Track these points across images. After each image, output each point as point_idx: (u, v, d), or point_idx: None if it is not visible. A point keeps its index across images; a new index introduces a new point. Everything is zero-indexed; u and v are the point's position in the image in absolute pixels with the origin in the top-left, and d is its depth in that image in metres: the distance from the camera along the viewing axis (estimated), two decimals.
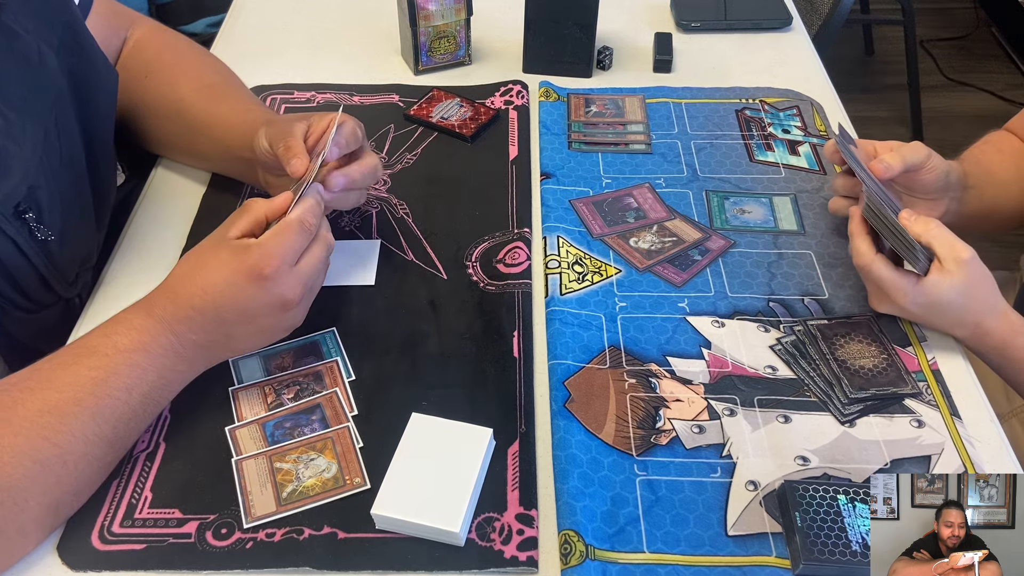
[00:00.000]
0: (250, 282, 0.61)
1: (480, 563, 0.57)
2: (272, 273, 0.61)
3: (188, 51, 0.89)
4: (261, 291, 0.61)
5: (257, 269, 0.60)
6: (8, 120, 0.65)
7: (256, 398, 0.67)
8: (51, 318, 0.76)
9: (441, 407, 0.65)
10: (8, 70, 0.65)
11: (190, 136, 0.83)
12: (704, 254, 0.79)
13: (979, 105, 2.38)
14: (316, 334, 0.71)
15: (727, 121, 0.95)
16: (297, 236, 0.63)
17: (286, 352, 0.70)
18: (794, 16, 1.14)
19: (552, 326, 0.72)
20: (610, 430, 0.65)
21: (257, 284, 0.61)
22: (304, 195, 0.65)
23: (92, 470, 0.59)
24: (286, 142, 0.69)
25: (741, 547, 0.59)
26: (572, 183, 0.87)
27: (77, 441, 0.56)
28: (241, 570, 0.57)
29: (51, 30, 0.70)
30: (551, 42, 1.01)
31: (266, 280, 0.61)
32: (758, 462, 0.63)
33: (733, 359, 0.71)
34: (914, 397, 0.68)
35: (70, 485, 0.57)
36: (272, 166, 0.74)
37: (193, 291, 0.61)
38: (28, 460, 0.54)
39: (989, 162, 0.85)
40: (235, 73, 0.90)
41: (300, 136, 0.70)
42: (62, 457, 0.56)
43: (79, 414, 0.57)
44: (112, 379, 0.58)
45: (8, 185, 0.65)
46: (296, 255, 0.63)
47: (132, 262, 0.80)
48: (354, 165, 0.72)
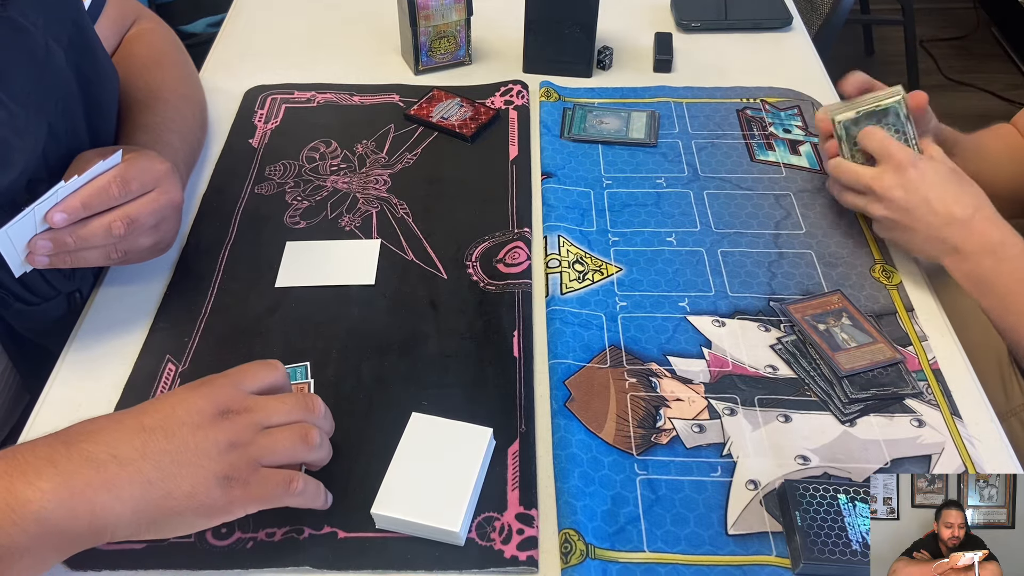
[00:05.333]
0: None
1: (480, 563, 0.57)
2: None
3: (167, 58, 0.90)
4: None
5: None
6: (11, 113, 0.65)
7: None
8: (52, 311, 0.76)
9: (441, 407, 0.65)
10: (13, 63, 0.66)
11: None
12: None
13: (979, 105, 2.38)
14: (289, 367, 0.68)
15: (728, 121, 0.95)
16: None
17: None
18: (794, 16, 1.14)
19: (552, 325, 0.72)
20: (610, 429, 0.65)
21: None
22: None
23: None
24: (73, 168, 0.68)
25: (741, 546, 0.59)
26: (573, 183, 0.87)
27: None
28: (241, 570, 0.57)
29: (61, 27, 0.70)
30: (551, 42, 1.01)
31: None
32: (758, 461, 0.63)
33: (733, 358, 0.71)
34: (915, 397, 0.68)
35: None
36: None
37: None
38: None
39: (985, 143, 0.87)
40: (192, 94, 0.90)
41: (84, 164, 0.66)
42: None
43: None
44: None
45: (8, 177, 0.65)
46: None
47: None
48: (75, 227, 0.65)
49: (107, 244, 0.66)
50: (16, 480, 0.49)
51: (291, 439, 0.55)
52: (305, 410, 0.58)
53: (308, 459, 0.57)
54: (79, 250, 0.65)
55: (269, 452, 0.54)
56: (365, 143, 0.93)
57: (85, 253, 0.65)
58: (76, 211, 0.63)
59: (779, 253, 0.80)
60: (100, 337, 0.73)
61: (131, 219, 0.66)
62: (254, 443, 0.54)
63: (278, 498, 0.54)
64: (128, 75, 0.84)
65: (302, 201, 0.85)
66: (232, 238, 0.81)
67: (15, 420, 0.83)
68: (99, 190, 0.64)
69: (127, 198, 0.66)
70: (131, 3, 0.92)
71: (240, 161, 0.90)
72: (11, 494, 0.48)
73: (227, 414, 0.54)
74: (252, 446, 0.54)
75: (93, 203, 0.64)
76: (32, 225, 0.62)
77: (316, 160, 0.91)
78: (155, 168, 0.68)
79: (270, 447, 0.54)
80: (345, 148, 0.92)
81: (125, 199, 0.66)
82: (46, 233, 0.63)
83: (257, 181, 0.88)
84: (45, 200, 0.62)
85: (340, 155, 0.91)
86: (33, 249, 0.63)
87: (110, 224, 0.65)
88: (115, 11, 0.87)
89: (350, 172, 0.89)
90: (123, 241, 0.66)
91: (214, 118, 0.96)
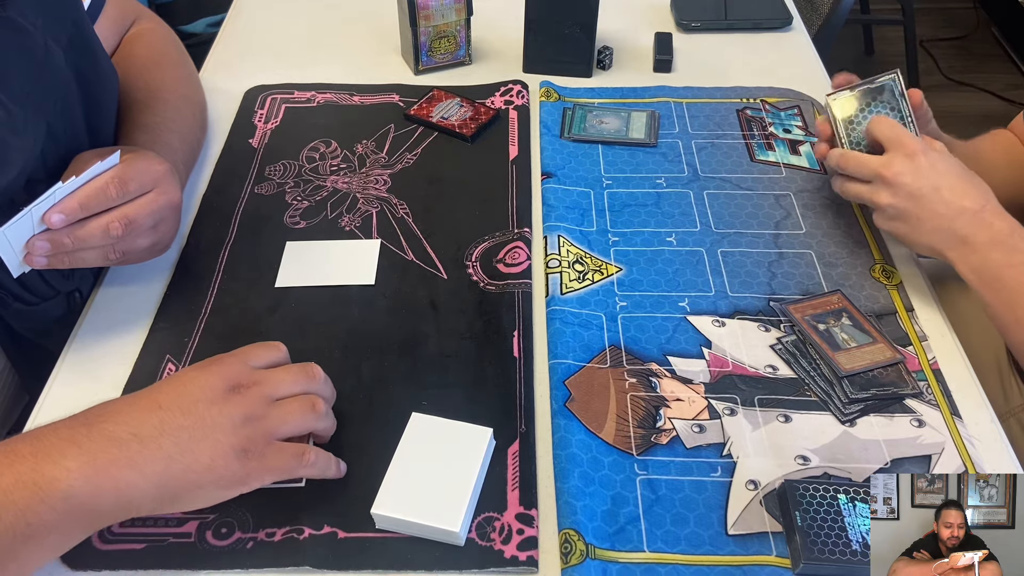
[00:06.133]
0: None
1: (480, 563, 0.57)
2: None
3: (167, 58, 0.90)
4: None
5: None
6: (10, 112, 0.65)
7: None
8: (52, 311, 0.76)
9: (441, 407, 0.65)
10: (12, 63, 0.66)
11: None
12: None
13: (979, 105, 2.38)
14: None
15: (728, 121, 0.95)
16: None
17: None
18: (794, 16, 1.14)
19: (552, 325, 0.72)
20: (610, 429, 0.65)
21: None
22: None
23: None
24: (72, 169, 0.68)
25: (741, 546, 0.59)
26: (573, 183, 0.87)
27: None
28: (241, 570, 0.57)
29: (60, 27, 0.71)
30: (551, 42, 1.01)
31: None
32: (758, 461, 0.63)
33: (733, 358, 0.71)
34: (915, 397, 0.68)
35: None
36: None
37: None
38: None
39: (981, 148, 0.87)
40: (191, 94, 0.90)
41: (82, 164, 0.67)
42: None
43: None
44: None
45: (7, 177, 0.65)
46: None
47: None
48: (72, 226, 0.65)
49: (105, 245, 0.66)
50: (42, 460, 0.50)
51: (300, 410, 0.58)
52: (308, 378, 0.60)
53: (316, 428, 0.60)
54: (77, 251, 0.65)
55: (281, 423, 0.57)
56: (365, 143, 0.93)
57: (83, 254, 0.65)
58: (74, 212, 0.63)
59: (779, 253, 0.80)
60: (100, 337, 0.73)
61: (129, 220, 0.66)
62: (267, 416, 0.56)
63: (292, 469, 0.57)
64: (128, 75, 0.84)
65: (302, 201, 0.85)
66: (232, 238, 0.81)
67: (14, 420, 0.83)
68: (97, 191, 0.64)
69: (125, 199, 0.66)
70: (131, 3, 0.92)
71: (240, 161, 0.90)
72: (39, 473, 0.50)
73: (238, 388, 0.56)
74: (266, 419, 0.56)
75: (91, 204, 0.64)
76: (30, 226, 0.62)
77: (316, 160, 0.91)
78: (153, 169, 0.68)
79: (282, 418, 0.57)
80: (345, 148, 0.92)
81: (123, 200, 0.66)
82: (44, 234, 0.63)
83: (257, 181, 0.88)
84: (43, 201, 0.62)
85: (340, 155, 0.91)
86: (31, 250, 0.63)
87: (108, 225, 0.65)
88: (115, 11, 0.87)
89: (350, 172, 0.89)
90: (121, 242, 0.66)
91: (214, 118, 0.96)
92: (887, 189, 0.71)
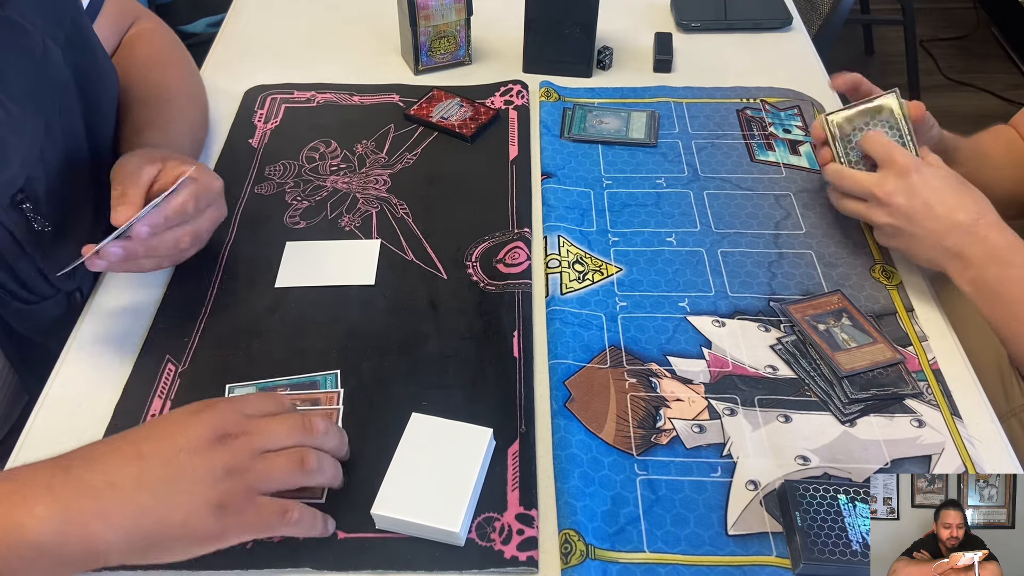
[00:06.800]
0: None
1: (480, 563, 0.57)
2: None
3: (169, 57, 0.90)
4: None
5: None
6: (8, 111, 0.65)
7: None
8: (52, 311, 0.76)
9: (441, 407, 0.65)
10: (11, 62, 0.66)
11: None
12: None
13: (979, 105, 2.38)
14: (318, 374, 0.69)
15: (728, 121, 0.95)
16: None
17: (283, 387, 0.68)
18: (794, 16, 1.14)
19: (552, 326, 0.72)
20: (610, 430, 0.65)
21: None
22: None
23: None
24: (124, 187, 0.66)
25: (741, 547, 0.59)
26: (573, 183, 0.87)
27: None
28: (241, 570, 0.57)
29: (58, 26, 0.71)
30: (551, 42, 1.01)
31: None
32: (758, 462, 0.63)
33: (733, 359, 0.71)
34: (915, 397, 0.68)
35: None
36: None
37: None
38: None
39: (984, 144, 0.86)
40: (196, 93, 0.91)
41: (144, 183, 0.67)
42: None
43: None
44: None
45: (6, 175, 0.65)
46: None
47: None
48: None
49: (169, 256, 0.69)
50: (15, 506, 0.49)
51: (288, 465, 0.55)
52: (304, 431, 0.57)
53: (306, 484, 0.56)
54: (143, 258, 0.67)
55: (264, 478, 0.54)
56: (365, 143, 0.93)
57: (144, 261, 0.68)
58: (158, 226, 0.66)
59: (779, 253, 0.80)
60: (100, 337, 0.73)
61: (196, 234, 0.69)
62: (251, 469, 0.53)
63: (273, 527, 0.54)
64: (131, 74, 0.84)
65: (302, 201, 0.85)
66: (232, 238, 0.81)
67: (13, 420, 0.83)
68: (179, 207, 0.67)
69: (197, 216, 0.69)
70: (130, 3, 0.92)
71: (240, 161, 0.90)
72: (8, 519, 0.49)
73: (225, 439, 0.54)
74: (248, 473, 0.53)
75: (173, 219, 0.67)
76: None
77: (316, 160, 0.91)
78: (214, 186, 0.71)
79: (265, 472, 0.54)
80: (345, 148, 0.92)
81: (196, 216, 0.69)
82: (119, 241, 0.64)
83: (257, 181, 0.88)
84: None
85: (340, 155, 0.91)
86: (102, 255, 0.64)
87: (179, 238, 0.68)
88: (114, 10, 0.87)
89: (350, 172, 0.89)
90: (181, 253, 0.70)
91: (214, 118, 0.96)
92: (882, 208, 0.72)
